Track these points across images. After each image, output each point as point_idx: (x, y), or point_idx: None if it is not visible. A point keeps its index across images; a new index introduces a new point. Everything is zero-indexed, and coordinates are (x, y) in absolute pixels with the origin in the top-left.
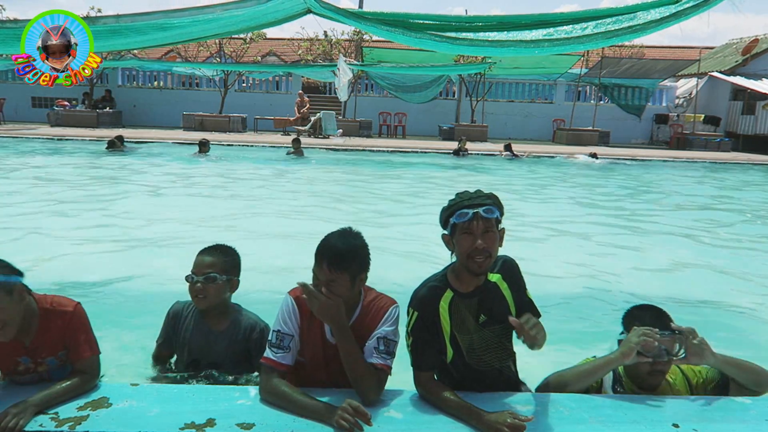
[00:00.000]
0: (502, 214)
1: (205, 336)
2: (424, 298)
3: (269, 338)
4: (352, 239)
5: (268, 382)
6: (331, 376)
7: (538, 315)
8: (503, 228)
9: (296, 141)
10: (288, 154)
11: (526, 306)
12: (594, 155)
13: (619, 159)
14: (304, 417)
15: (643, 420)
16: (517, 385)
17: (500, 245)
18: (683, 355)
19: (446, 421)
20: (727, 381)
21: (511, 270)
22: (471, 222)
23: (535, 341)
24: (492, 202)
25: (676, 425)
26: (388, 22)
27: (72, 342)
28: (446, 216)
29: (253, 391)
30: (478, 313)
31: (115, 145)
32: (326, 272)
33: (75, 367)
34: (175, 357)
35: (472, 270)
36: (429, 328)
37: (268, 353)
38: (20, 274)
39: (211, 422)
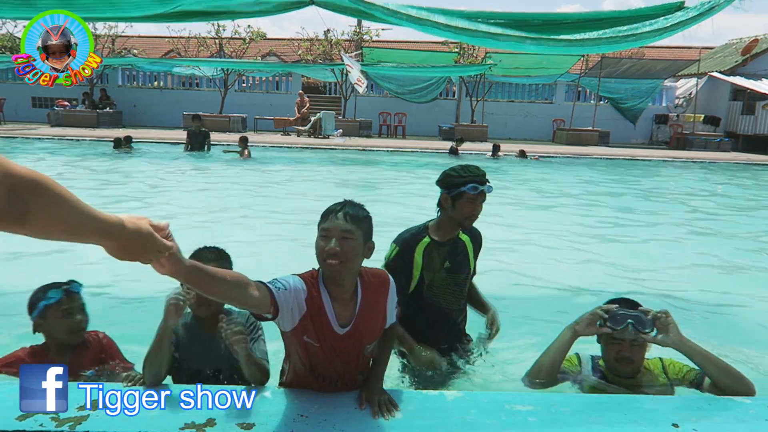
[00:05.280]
0: None
1: (205, 342)
2: (407, 239)
3: None
4: (359, 205)
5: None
6: (344, 364)
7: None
8: None
9: (243, 139)
10: (225, 151)
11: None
12: (522, 153)
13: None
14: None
15: (643, 420)
16: (460, 334)
17: None
18: (654, 333)
19: (447, 421)
20: (701, 382)
21: (477, 238)
22: (478, 195)
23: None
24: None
25: (675, 425)
26: (390, 12)
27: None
28: (457, 182)
29: (253, 391)
30: (445, 259)
31: (121, 144)
32: (342, 222)
33: None
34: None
35: (465, 227)
36: (404, 262)
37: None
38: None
39: (211, 422)
